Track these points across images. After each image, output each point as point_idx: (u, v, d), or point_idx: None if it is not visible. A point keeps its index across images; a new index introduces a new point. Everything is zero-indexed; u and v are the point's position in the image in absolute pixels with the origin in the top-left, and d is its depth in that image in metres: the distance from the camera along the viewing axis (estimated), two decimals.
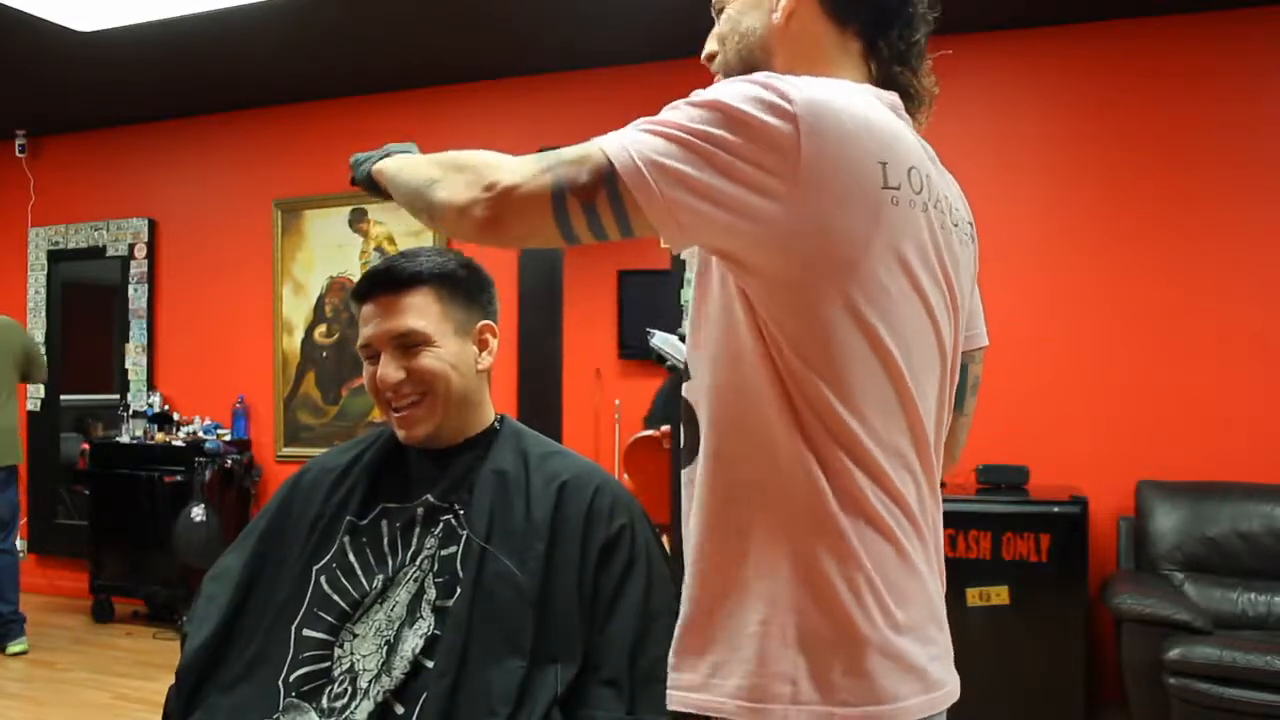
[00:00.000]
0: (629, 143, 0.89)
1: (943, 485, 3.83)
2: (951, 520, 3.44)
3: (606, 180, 0.88)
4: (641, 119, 0.91)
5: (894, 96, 1.04)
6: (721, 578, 0.98)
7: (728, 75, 1.07)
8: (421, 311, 1.35)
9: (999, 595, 3.37)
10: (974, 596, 3.38)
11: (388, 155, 1.13)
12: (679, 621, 1.01)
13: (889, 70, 1.06)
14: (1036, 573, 3.36)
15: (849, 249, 0.90)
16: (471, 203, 0.93)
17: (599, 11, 3.93)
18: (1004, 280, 3.98)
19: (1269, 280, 3.72)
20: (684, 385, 1.05)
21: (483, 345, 1.43)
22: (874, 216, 0.90)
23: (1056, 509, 3.40)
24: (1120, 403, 3.86)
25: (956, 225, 1.05)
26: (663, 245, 0.94)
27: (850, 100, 0.92)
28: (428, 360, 1.35)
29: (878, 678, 0.93)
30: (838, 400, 0.92)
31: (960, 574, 3.40)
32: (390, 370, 1.35)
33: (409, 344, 1.35)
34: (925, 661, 0.97)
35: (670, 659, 1.01)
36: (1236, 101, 3.77)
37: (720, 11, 1.10)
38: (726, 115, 0.87)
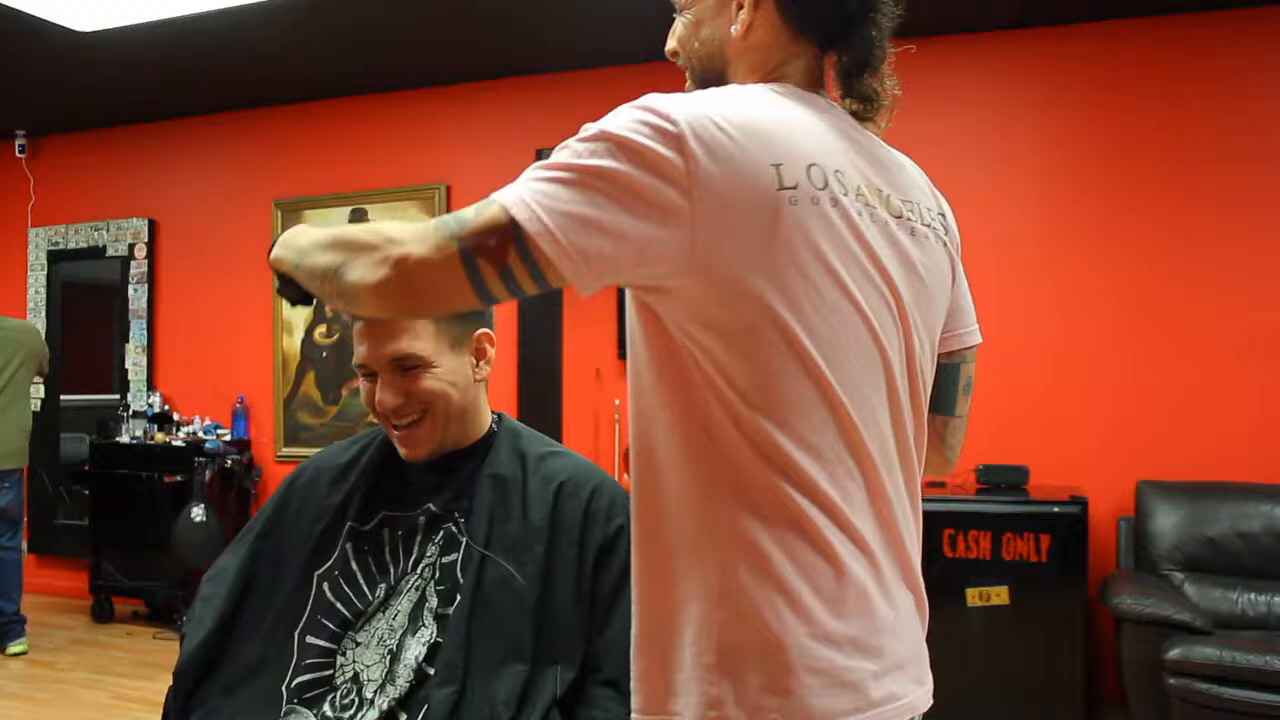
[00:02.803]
0: (527, 194, 0.87)
1: (942, 485, 3.85)
2: (951, 520, 3.46)
3: (514, 239, 0.86)
4: (535, 165, 0.90)
5: (814, 95, 1.02)
6: (656, 602, 0.98)
7: (691, 79, 1.08)
8: (417, 332, 1.33)
9: (999, 595, 3.37)
10: (974, 596, 3.38)
11: (275, 243, 1.10)
12: (630, 644, 1.02)
13: (846, 76, 1.04)
14: (1036, 573, 3.36)
15: (754, 259, 0.89)
16: (383, 281, 0.90)
17: (599, 11, 3.93)
18: (1004, 280, 3.98)
19: (1269, 280, 3.72)
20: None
21: (480, 354, 1.41)
22: (772, 220, 0.89)
23: (1056, 509, 3.40)
24: (1120, 403, 3.86)
25: (903, 216, 1.02)
26: (579, 292, 0.92)
27: (737, 107, 0.91)
28: (427, 382, 1.34)
29: (805, 695, 0.91)
30: (762, 418, 0.91)
31: (960, 574, 3.40)
32: (389, 395, 1.34)
33: (406, 366, 1.34)
34: (866, 677, 0.93)
35: (631, 682, 1.02)
36: (1237, 101, 3.77)
37: (681, 10, 1.09)
38: (615, 145, 0.87)
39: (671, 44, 1.11)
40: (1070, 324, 3.94)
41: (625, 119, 0.89)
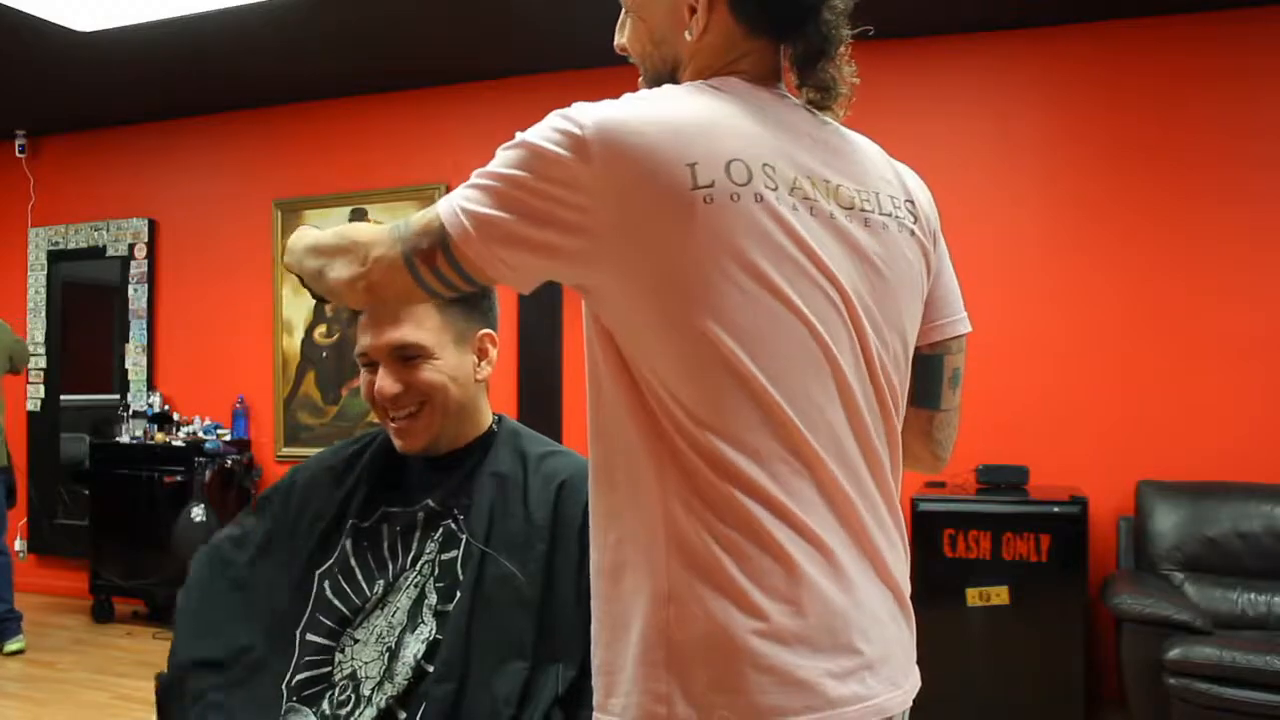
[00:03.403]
0: (458, 200, 0.93)
1: (942, 485, 3.85)
2: (951, 520, 3.46)
3: (441, 242, 0.93)
4: (476, 170, 0.94)
5: (749, 87, 1.00)
6: (608, 598, 0.99)
7: (646, 78, 1.09)
8: (421, 322, 1.34)
9: (999, 595, 3.37)
10: (974, 596, 3.38)
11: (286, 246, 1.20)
12: (591, 640, 1.03)
13: (803, 66, 1.03)
14: (1036, 573, 3.36)
15: (666, 259, 0.89)
16: (354, 277, 1.01)
17: (599, 12, 3.92)
18: (1004, 280, 3.98)
19: (1269, 280, 3.72)
20: None
21: (482, 354, 1.41)
22: (685, 220, 0.88)
23: (1056, 509, 3.40)
24: (1120, 403, 3.86)
25: (853, 207, 0.99)
26: (515, 289, 0.98)
27: (657, 108, 0.93)
28: (427, 374, 1.34)
29: (754, 693, 0.90)
30: (700, 417, 0.91)
31: (960, 574, 3.40)
32: (388, 383, 1.34)
33: (407, 356, 1.34)
34: (822, 675, 0.92)
35: (593, 679, 1.03)
36: (1237, 101, 3.77)
37: (629, 10, 1.08)
38: (527, 153, 0.91)
39: (620, 40, 1.11)
40: (1071, 324, 3.94)
41: (542, 126, 0.92)
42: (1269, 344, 3.71)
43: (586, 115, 0.90)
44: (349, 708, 1.26)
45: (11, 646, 4.46)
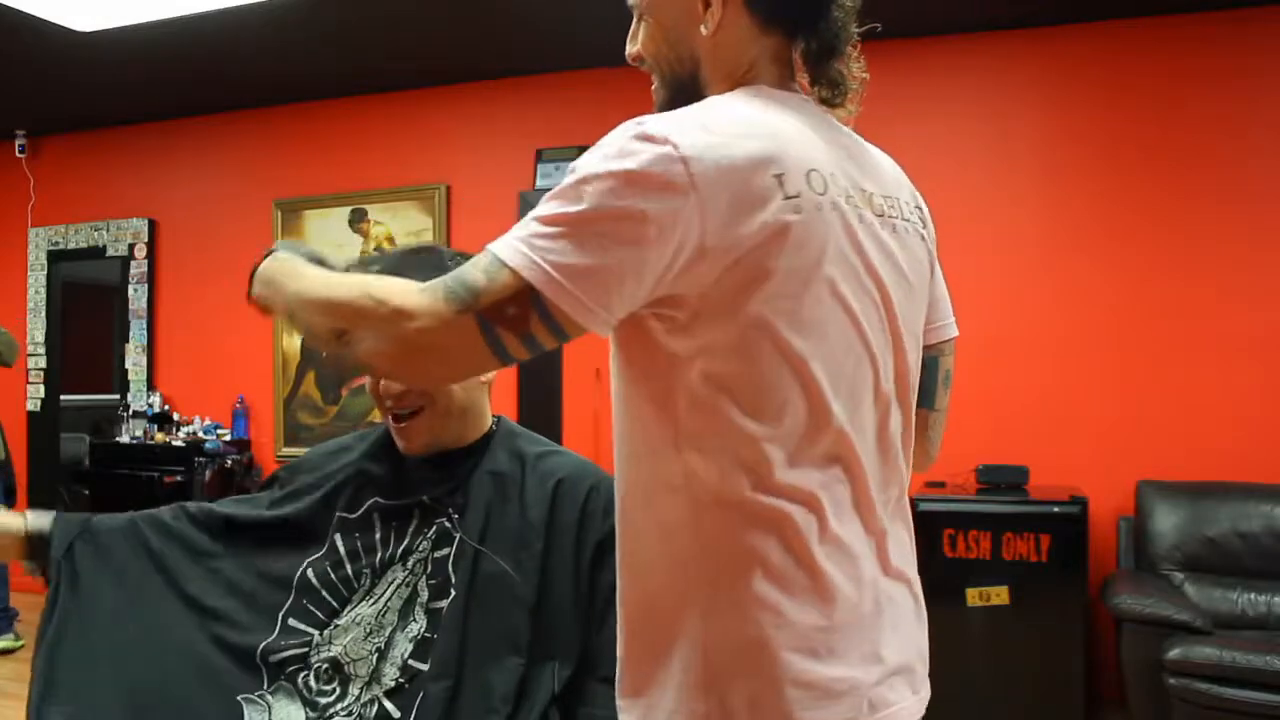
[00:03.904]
0: (538, 256, 0.85)
1: (942, 485, 3.85)
2: (951, 520, 3.46)
3: (533, 304, 0.85)
4: (534, 216, 0.88)
5: (794, 95, 1.02)
6: (641, 620, 0.98)
7: (661, 83, 1.07)
8: None
9: (999, 595, 3.37)
10: (974, 596, 3.38)
11: (255, 269, 1.05)
12: (617, 661, 1.01)
13: (815, 62, 1.03)
14: (1036, 573, 3.36)
15: (757, 270, 0.88)
16: (400, 356, 0.90)
17: (599, 11, 3.93)
18: (1004, 280, 3.98)
19: (1269, 280, 3.72)
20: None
21: None
22: (777, 231, 0.88)
23: (1056, 509, 3.40)
24: (1120, 403, 3.86)
25: (885, 214, 1.01)
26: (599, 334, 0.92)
27: (734, 120, 0.91)
28: None
29: (794, 707, 0.90)
30: (751, 424, 0.90)
31: (960, 574, 3.40)
32: (393, 382, 1.35)
33: None
34: (855, 686, 0.93)
35: (617, 699, 1.01)
36: (1236, 101, 3.77)
37: (641, 16, 1.07)
38: (619, 182, 0.85)
39: (634, 49, 1.09)
40: (1070, 324, 3.94)
41: (620, 151, 0.87)
42: (1268, 344, 3.71)
43: (673, 131, 0.87)
44: (331, 697, 1.26)
45: (1, 644, 4.46)
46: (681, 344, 0.91)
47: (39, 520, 1.34)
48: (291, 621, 1.33)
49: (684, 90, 1.02)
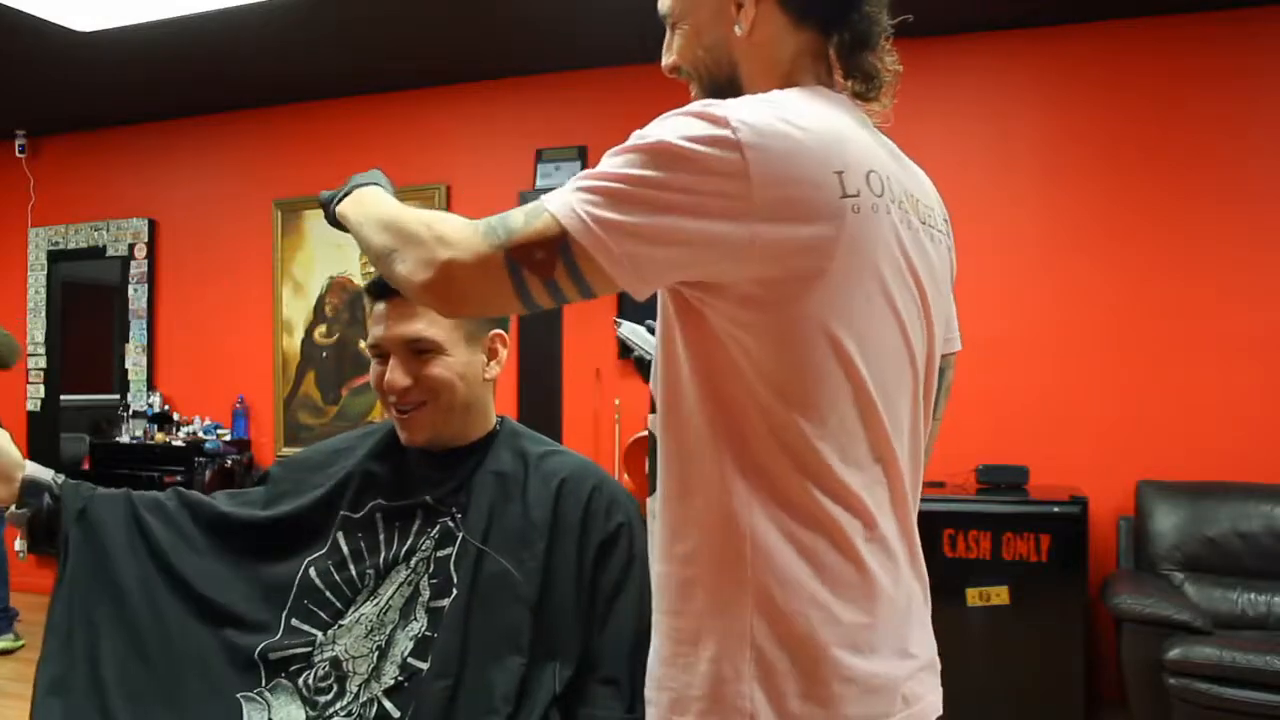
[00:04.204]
0: (578, 205, 0.87)
1: (941, 485, 3.84)
2: (951, 520, 3.46)
3: (561, 249, 0.87)
4: (584, 172, 0.89)
5: (845, 97, 1.03)
6: (677, 613, 0.98)
7: (700, 90, 1.07)
8: (434, 319, 1.35)
9: (999, 595, 3.37)
10: (974, 596, 3.38)
11: (349, 193, 1.11)
12: (650, 654, 1.02)
13: (849, 56, 1.03)
14: (1036, 573, 3.35)
15: (814, 265, 0.88)
16: (428, 282, 0.92)
17: (599, 11, 3.93)
18: (1004, 280, 3.98)
19: (1269, 280, 3.72)
20: (649, 416, 1.05)
21: (492, 354, 1.43)
22: (836, 229, 0.88)
23: (1056, 509, 3.40)
24: (1120, 403, 3.86)
25: (925, 222, 1.02)
26: (633, 296, 0.92)
27: (797, 112, 0.90)
28: (436, 369, 1.35)
29: (838, 703, 0.91)
30: (800, 420, 0.91)
31: (960, 574, 3.40)
32: (398, 375, 1.35)
33: (419, 350, 1.35)
34: (893, 681, 0.94)
35: (646, 692, 1.02)
36: (1236, 101, 3.77)
37: (673, 25, 1.08)
38: (672, 154, 0.86)
39: (670, 59, 1.08)
40: (1070, 324, 3.94)
41: (680, 126, 0.88)
42: (1268, 344, 3.71)
43: (733, 115, 0.87)
44: (329, 695, 1.26)
45: (1, 644, 4.46)
46: (730, 337, 0.92)
47: (39, 473, 1.33)
48: (295, 622, 1.33)
49: (723, 95, 1.02)
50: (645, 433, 2.51)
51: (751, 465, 0.92)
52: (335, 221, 1.12)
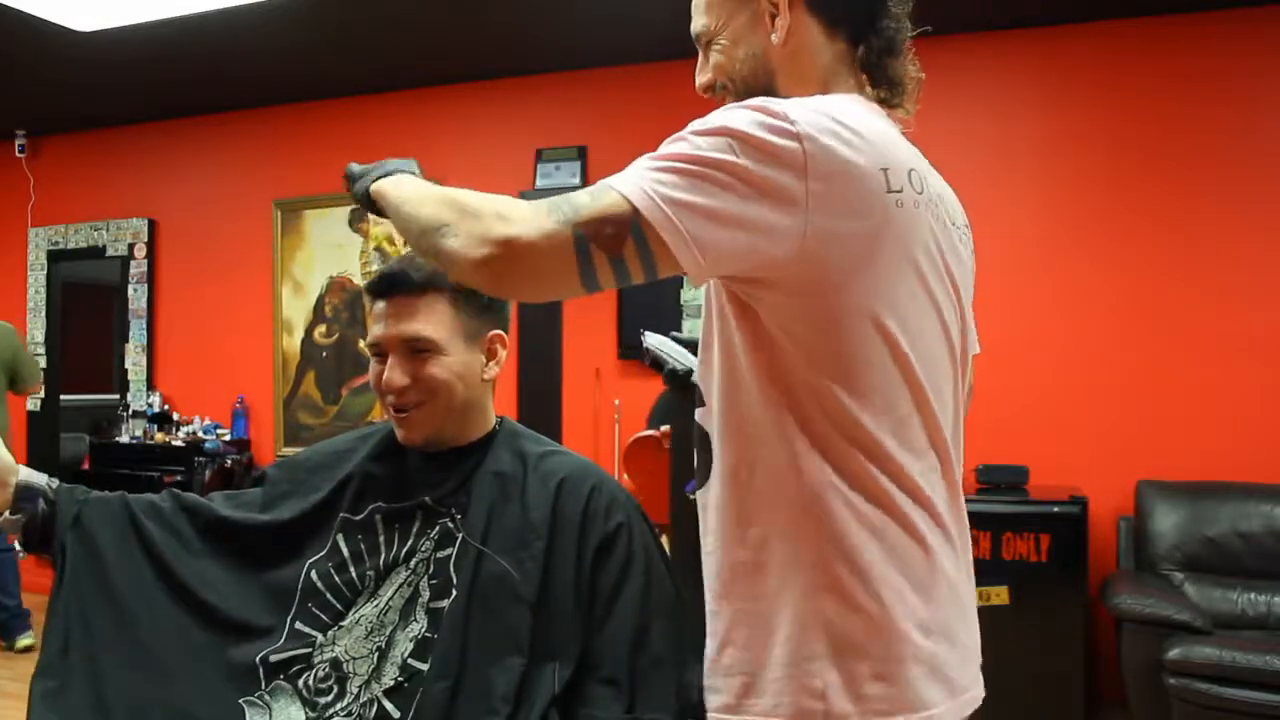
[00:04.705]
0: (648, 185, 0.88)
1: None
2: None
3: (632, 228, 0.88)
4: (649, 155, 0.91)
5: (876, 105, 1.07)
6: (745, 597, 1.00)
7: (737, 101, 1.07)
8: (433, 318, 1.35)
9: (999, 595, 3.37)
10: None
11: (387, 174, 1.10)
12: (709, 641, 1.04)
13: (877, 63, 1.07)
14: (1036, 573, 3.36)
15: (862, 255, 0.92)
16: (487, 259, 0.89)
17: (599, 11, 3.93)
18: (1004, 280, 3.98)
19: (1269, 280, 3.72)
20: (697, 411, 1.07)
21: (491, 354, 1.42)
22: (883, 221, 0.92)
23: (1056, 509, 3.40)
24: (1120, 403, 3.86)
25: (954, 223, 1.07)
26: (691, 282, 0.94)
27: (846, 113, 0.94)
28: (434, 369, 1.35)
29: (910, 684, 0.93)
30: (856, 407, 0.94)
31: None
32: (397, 375, 1.35)
33: (418, 349, 1.35)
34: (953, 666, 0.97)
35: (705, 680, 1.03)
36: (1236, 101, 3.77)
37: (708, 44, 1.10)
38: (737, 140, 0.89)
39: (705, 77, 1.11)
40: (1070, 324, 3.94)
41: (744, 116, 0.91)
42: (1268, 344, 3.71)
43: (793, 111, 0.91)
44: (330, 696, 1.26)
45: (23, 642, 4.48)
46: (781, 329, 0.95)
47: (32, 478, 1.32)
48: (298, 625, 1.33)
49: None
50: (646, 433, 2.50)
51: (818, 450, 0.95)
52: (366, 198, 1.10)
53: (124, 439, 5.28)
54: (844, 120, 0.92)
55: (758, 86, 1.07)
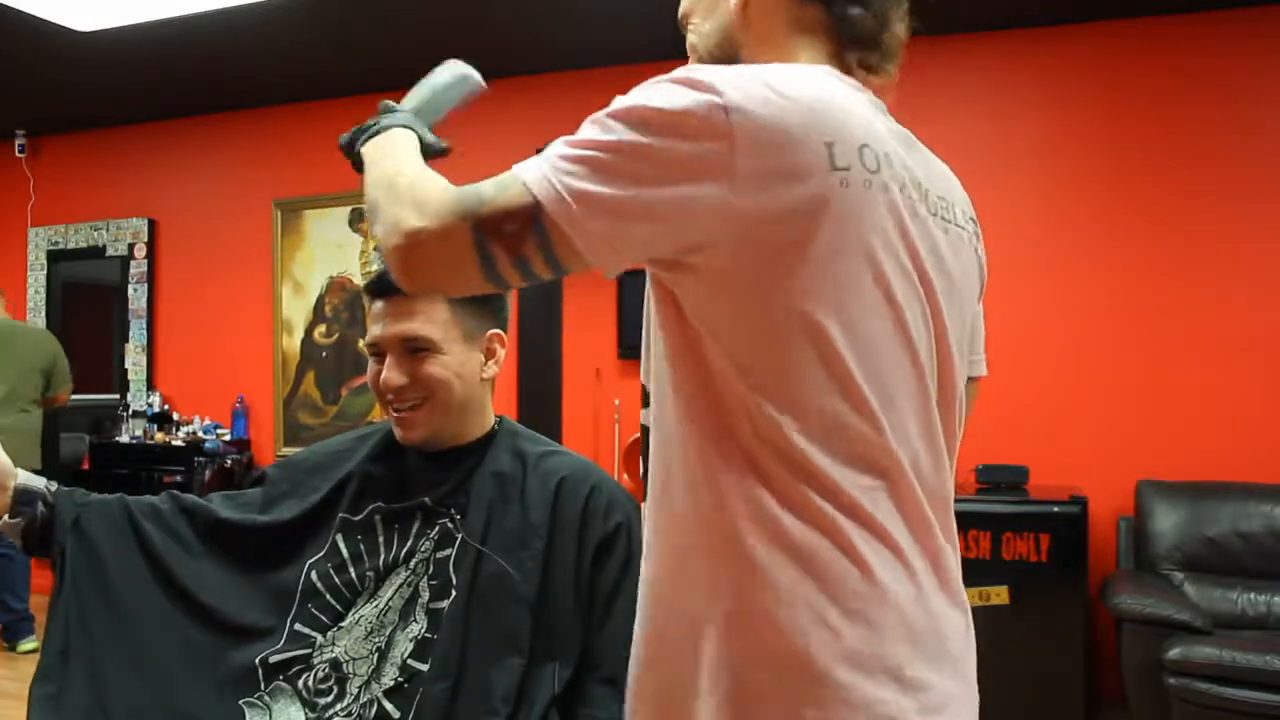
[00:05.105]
0: (553, 175, 0.82)
1: None
2: None
3: (534, 224, 0.81)
4: (561, 139, 0.85)
5: (854, 80, 0.96)
6: (663, 619, 0.91)
7: (703, 49, 1.04)
8: (431, 317, 1.35)
9: (999, 595, 3.37)
10: (974, 596, 3.37)
11: (381, 130, 1.08)
12: (630, 663, 0.96)
13: (854, 24, 0.96)
14: (1036, 573, 3.36)
15: (793, 241, 0.82)
16: (394, 249, 0.85)
17: (599, 11, 3.93)
18: (1004, 280, 3.96)
19: (1269, 280, 3.72)
20: (642, 410, 0.99)
21: (490, 354, 1.42)
22: (820, 200, 0.82)
23: (1056, 509, 3.40)
24: (1120, 403, 3.86)
25: (939, 215, 0.95)
26: (604, 274, 0.87)
27: (788, 80, 0.85)
28: (432, 368, 1.35)
29: None
30: (779, 414, 0.83)
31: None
32: (394, 374, 1.35)
33: (415, 348, 1.35)
34: (906, 712, 0.83)
35: (626, 703, 0.97)
36: (1236, 101, 3.77)
37: (686, 24, 1.06)
38: (652, 120, 0.82)
39: (690, 61, 1.05)
40: (1070, 324, 3.94)
41: (662, 92, 0.84)
42: (1268, 343, 3.71)
43: (719, 80, 0.82)
44: (330, 697, 1.26)
45: (26, 646, 4.47)
46: (701, 321, 0.86)
47: (31, 481, 1.32)
48: (297, 626, 1.33)
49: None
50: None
51: (735, 460, 0.85)
52: (356, 161, 1.06)
53: (124, 439, 5.28)
54: (780, 88, 0.83)
55: (725, 61, 0.99)
